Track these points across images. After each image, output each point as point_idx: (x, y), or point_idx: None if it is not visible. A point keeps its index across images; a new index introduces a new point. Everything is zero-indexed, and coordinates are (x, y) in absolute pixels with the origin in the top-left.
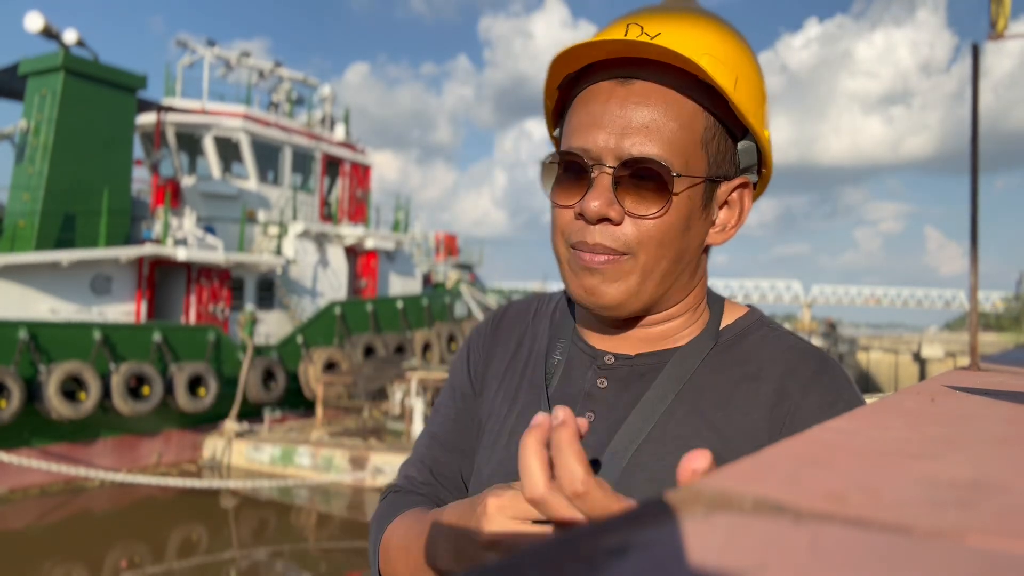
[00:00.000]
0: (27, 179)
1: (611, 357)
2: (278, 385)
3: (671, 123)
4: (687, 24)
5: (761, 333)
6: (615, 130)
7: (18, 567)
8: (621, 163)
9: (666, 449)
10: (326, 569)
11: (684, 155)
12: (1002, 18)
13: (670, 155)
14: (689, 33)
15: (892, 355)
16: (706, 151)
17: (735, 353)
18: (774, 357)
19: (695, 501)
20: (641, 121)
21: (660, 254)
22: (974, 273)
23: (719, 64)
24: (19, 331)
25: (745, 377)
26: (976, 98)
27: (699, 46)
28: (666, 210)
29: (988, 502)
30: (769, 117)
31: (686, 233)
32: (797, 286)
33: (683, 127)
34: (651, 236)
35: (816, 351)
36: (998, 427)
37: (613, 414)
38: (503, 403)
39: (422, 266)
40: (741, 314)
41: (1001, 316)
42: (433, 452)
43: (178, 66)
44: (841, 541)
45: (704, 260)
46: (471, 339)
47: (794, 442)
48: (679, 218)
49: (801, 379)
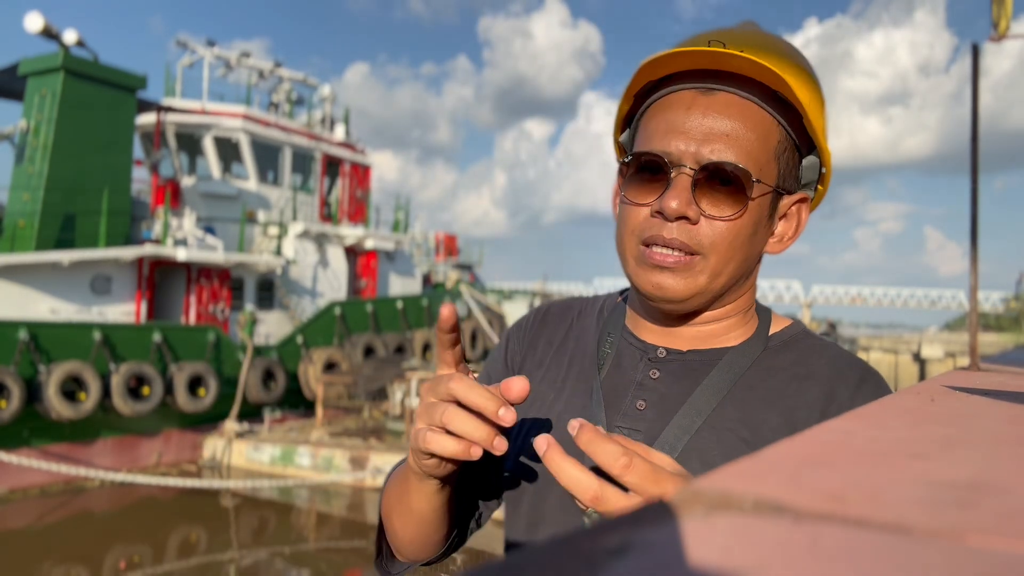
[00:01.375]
0: (27, 179)
1: (663, 351)
2: (278, 385)
3: (749, 134)
4: (763, 45)
5: (808, 342)
6: (696, 136)
7: (18, 567)
8: (701, 166)
9: (718, 439)
10: (326, 569)
11: (759, 164)
12: (1004, 19)
13: (747, 163)
14: (770, 51)
15: (892, 355)
16: (778, 163)
17: (784, 357)
18: (821, 363)
19: (695, 501)
20: (722, 130)
21: (730, 256)
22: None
23: (796, 82)
24: (19, 331)
25: (794, 378)
26: (976, 98)
27: (779, 64)
28: (742, 213)
29: (988, 502)
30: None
31: (753, 238)
32: (797, 286)
33: (760, 138)
34: (724, 237)
35: (861, 361)
36: (998, 427)
37: (664, 404)
38: (548, 389)
39: (422, 266)
40: (787, 324)
41: (1001, 316)
42: None
43: (178, 66)
44: (841, 541)
45: (758, 267)
46: (512, 331)
47: (794, 442)
48: (750, 223)
49: (849, 384)
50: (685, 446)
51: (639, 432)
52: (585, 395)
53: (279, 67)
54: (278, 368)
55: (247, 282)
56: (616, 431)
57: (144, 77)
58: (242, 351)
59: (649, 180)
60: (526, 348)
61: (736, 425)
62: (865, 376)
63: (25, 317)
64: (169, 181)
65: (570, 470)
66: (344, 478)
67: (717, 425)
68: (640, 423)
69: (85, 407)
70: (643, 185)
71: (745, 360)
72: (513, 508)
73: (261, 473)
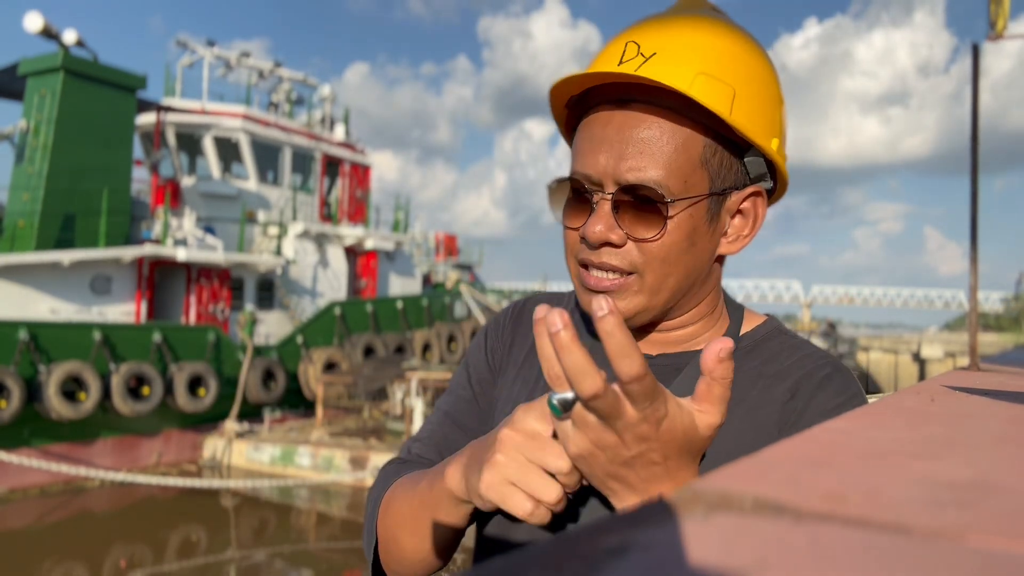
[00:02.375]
0: (27, 179)
1: None
2: (278, 385)
3: (667, 146)
4: (687, 35)
5: (779, 340)
6: (613, 154)
7: (18, 567)
8: (620, 188)
9: None
10: (326, 569)
11: (682, 176)
12: (1001, 19)
13: (667, 177)
14: (686, 48)
15: (892, 355)
16: (706, 168)
17: (754, 357)
18: (791, 362)
19: (695, 501)
20: (637, 146)
21: (666, 271)
22: (974, 273)
23: (715, 82)
24: (19, 331)
25: (761, 377)
26: (976, 98)
27: (694, 64)
28: (662, 234)
29: (988, 502)
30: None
31: (691, 249)
32: (797, 286)
33: (679, 149)
34: (654, 256)
35: (831, 358)
36: (998, 427)
37: None
38: (521, 391)
39: (422, 266)
40: (760, 322)
41: (1001, 316)
42: (444, 430)
43: (178, 66)
44: (841, 541)
45: (718, 269)
46: (489, 327)
47: (794, 442)
48: (682, 237)
49: (814, 381)
50: None
51: None
52: None
53: (279, 67)
54: (278, 368)
55: (247, 282)
56: None
57: (144, 77)
58: (242, 351)
59: (578, 202)
60: (505, 345)
61: None
62: (831, 374)
63: (25, 317)
64: (169, 181)
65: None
66: (344, 478)
67: None
68: None
69: (85, 407)
70: (574, 207)
71: None
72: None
73: (261, 473)
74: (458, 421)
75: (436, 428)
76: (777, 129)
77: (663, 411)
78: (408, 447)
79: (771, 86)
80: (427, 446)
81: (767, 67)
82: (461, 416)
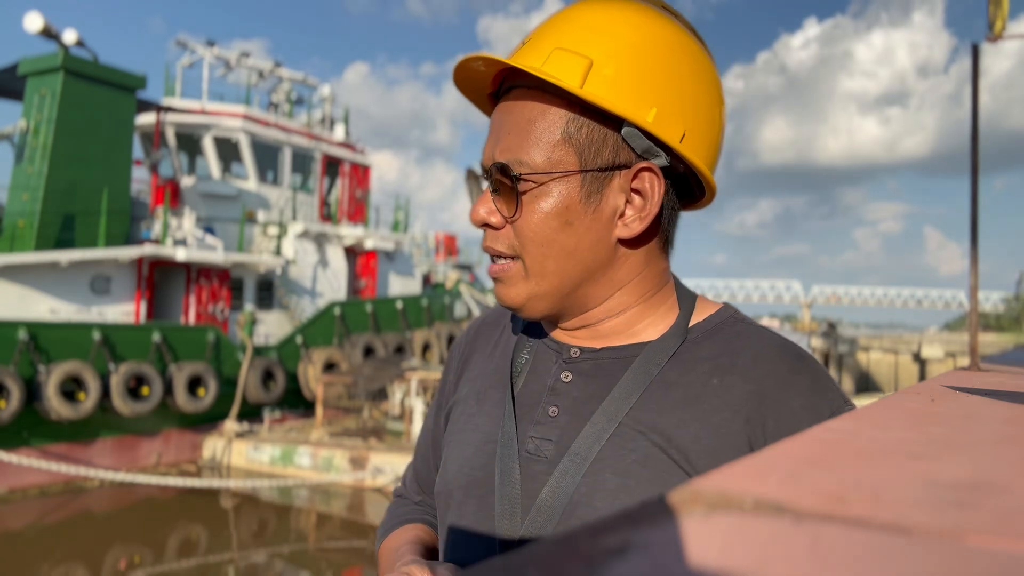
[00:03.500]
0: (26, 179)
1: (576, 351)
2: (278, 385)
3: (528, 124)
4: (564, 14)
5: (735, 329)
6: (492, 139)
7: (18, 567)
8: (493, 169)
9: (632, 446)
10: (326, 569)
11: (544, 152)
12: (1000, 19)
13: (530, 155)
14: (553, 27)
15: (892, 355)
16: (570, 144)
17: (705, 348)
18: (747, 353)
19: (695, 501)
20: (507, 127)
21: (543, 253)
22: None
23: (569, 55)
24: (19, 331)
25: (716, 371)
26: (976, 98)
27: (553, 40)
28: (518, 212)
29: (988, 502)
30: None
31: (567, 229)
32: (797, 286)
33: (539, 125)
34: (526, 237)
35: (793, 347)
36: (998, 427)
37: (577, 408)
38: (473, 401)
39: (422, 266)
40: (713, 310)
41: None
42: (417, 466)
43: (178, 66)
44: (841, 541)
45: (635, 254)
46: (453, 347)
47: (794, 442)
48: (552, 216)
49: (779, 377)
50: (597, 455)
51: (551, 441)
52: (502, 406)
53: (279, 67)
54: (278, 368)
55: (247, 282)
56: (529, 442)
57: (144, 77)
58: (242, 351)
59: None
60: (463, 365)
61: (649, 430)
62: (797, 367)
63: (25, 317)
64: (169, 181)
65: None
66: (344, 478)
67: (630, 430)
68: (552, 431)
69: (85, 407)
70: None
71: (661, 356)
72: (441, 527)
73: (261, 473)
74: (428, 459)
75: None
76: (661, 99)
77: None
78: (404, 475)
79: (655, 55)
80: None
81: (656, 36)
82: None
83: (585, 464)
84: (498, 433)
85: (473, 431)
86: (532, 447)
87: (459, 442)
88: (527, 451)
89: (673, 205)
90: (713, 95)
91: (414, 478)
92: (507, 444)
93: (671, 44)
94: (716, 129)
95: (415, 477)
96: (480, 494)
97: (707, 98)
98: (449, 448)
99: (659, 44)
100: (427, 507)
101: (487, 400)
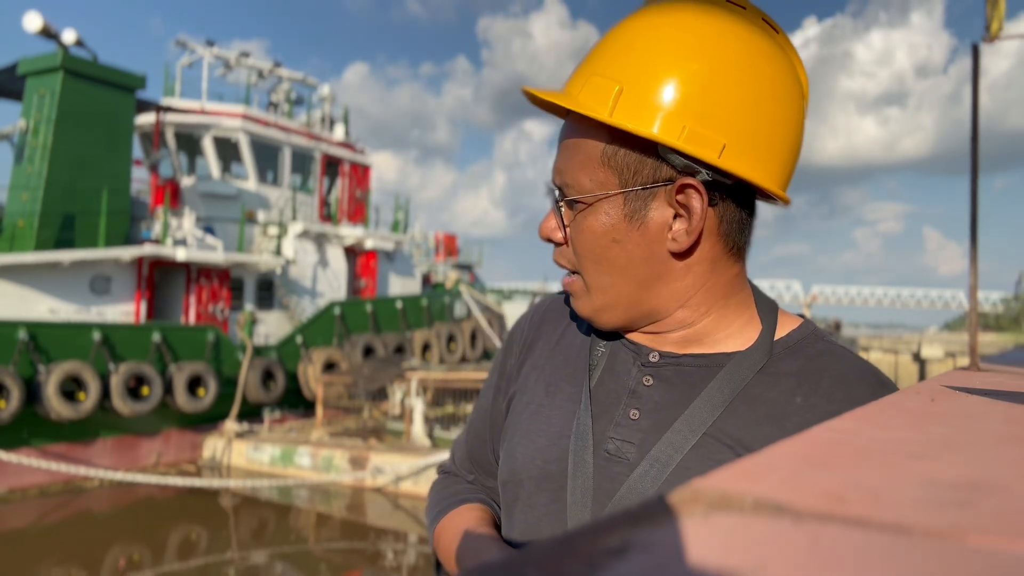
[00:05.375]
0: (26, 179)
1: (656, 355)
2: (277, 385)
3: (576, 148)
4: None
5: (817, 347)
6: (556, 159)
7: (18, 567)
8: (557, 189)
9: (714, 459)
10: (326, 569)
11: (588, 175)
12: (996, 20)
13: (579, 178)
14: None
15: (892, 355)
16: (610, 166)
17: (789, 364)
18: (831, 373)
19: (695, 501)
20: (562, 151)
21: (597, 269)
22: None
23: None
24: (18, 331)
25: (799, 390)
26: (976, 97)
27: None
28: (572, 231)
29: (988, 502)
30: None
31: (615, 247)
32: (797, 286)
33: (583, 150)
34: (581, 254)
35: (874, 371)
36: (998, 427)
37: (659, 415)
38: (542, 392)
39: (422, 266)
40: (796, 325)
41: (1001, 316)
42: (472, 444)
43: (177, 66)
44: (841, 541)
45: (698, 265)
46: (514, 330)
47: (794, 442)
48: (600, 235)
49: (861, 400)
50: (677, 464)
51: (633, 444)
52: (576, 401)
53: (278, 67)
54: (278, 368)
55: (247, 282)
56: (609, 442)
57: (143, 77)
58: (242, 351)
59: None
60: (525, 352)
61: (735, 443)
62: (878, 392)
63: (24, 317)
64: (168, 181)
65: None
66: (344, 478)
67: (714, 442)
68: (634, 434)
69: (84, 407)
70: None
71: (747, 370)
72: (507, 515)
73: (261, 473)
74: (480, 434)
75: (473, 440)
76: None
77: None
78: (453, 452)
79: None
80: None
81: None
82: (482, 427)
83: (665, 471)
84: (571, 428)
85: (545, 423)
86: (613, 448)
87: (529, 431)
88: (607, 451)
89: (735, 213)
90: (774, 93)
91: (467, 456)
92: (582, 439)
93: (713, 51)
94: (781, 129)
95: (468, 455)
96: (553, 488)
97: (763, 100)
98: (516, 437)
99: (695, 56)
100: (480, 486)
101: (559, 393)
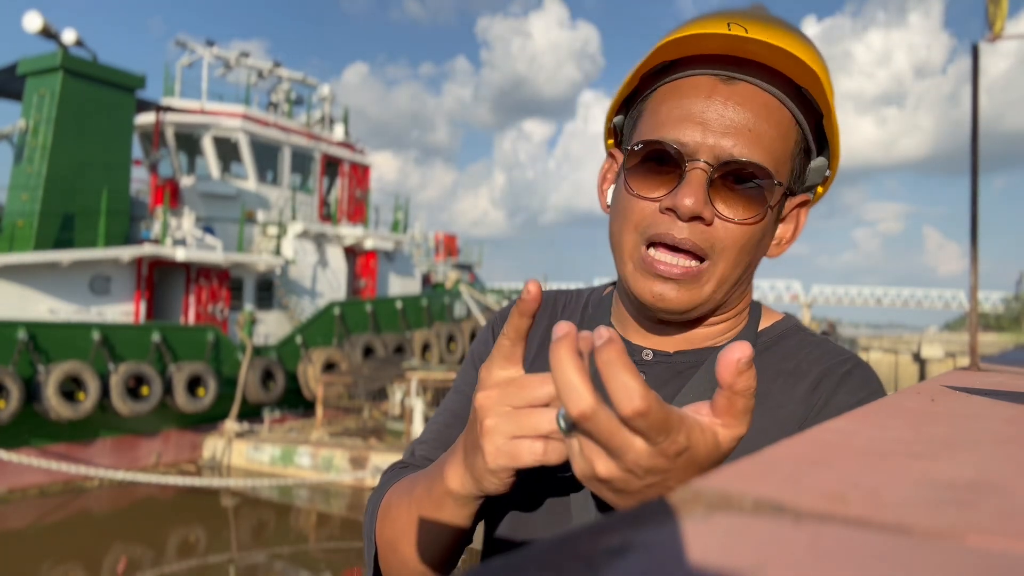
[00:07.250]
0: (26, 179)
1: (649, 353)
2: (277, 385)
3: (771, 130)
4: (786, 35)
5: (798, 337)
6: (716, 128)
7: (18, 567)
8: (721, 163)
9: None
10: (326, 569)
11: (777, 164)
12: (999, 19)
13: (767, 162)
14: (789, 41)
15: (892, 355)
16: (792, 164)
17: (773, 354)
18: (811, 359)
19: (695, 501)
20: (743, 124)
21: (738, 261)
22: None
23: (817, 78)
24: (18, 331)
25: (781, 374)
26: (976, 97)
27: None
28: (760, 217)
29: (988, 502)
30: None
31: (761, 242)
32: (797, 286)
33: (780, 136)
34: (736, 242)
35: (850, 354)
36: (998, 427)
37: None
38: None
39: (421, 266)
40: (778, 319)
41: (1001, 316)
42: (450, 430)
43: (177, 66)
44: (841, 541)
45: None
46: (495, 321)
47: (794, 442)
48: (762, 227)
49: (835, 376)
50: None
51: None
52: None
53: (278, 67)
54: (277, 368)
55: (246, 282)
56: None
57: (143, 77)
58: (241, 351)
59: (657, 172)
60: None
61: None
62: (852, 369)
63: (24, 317)
64: (168, 181)
65: (569, 372)
66: (344, 478)
67: None
68: None
69: (84, 407)
70: (650, 177)
71: None
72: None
73: (261, 473)
74: (464, 419)
75: (442, 428)
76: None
77: (682, 443)
78: (412, 449)
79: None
80: (432, 447)
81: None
82: (456, 421)
83: None
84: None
85: None
86: None
87: None
88: None
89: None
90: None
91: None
92: None
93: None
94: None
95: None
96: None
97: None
98: None
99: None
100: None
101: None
